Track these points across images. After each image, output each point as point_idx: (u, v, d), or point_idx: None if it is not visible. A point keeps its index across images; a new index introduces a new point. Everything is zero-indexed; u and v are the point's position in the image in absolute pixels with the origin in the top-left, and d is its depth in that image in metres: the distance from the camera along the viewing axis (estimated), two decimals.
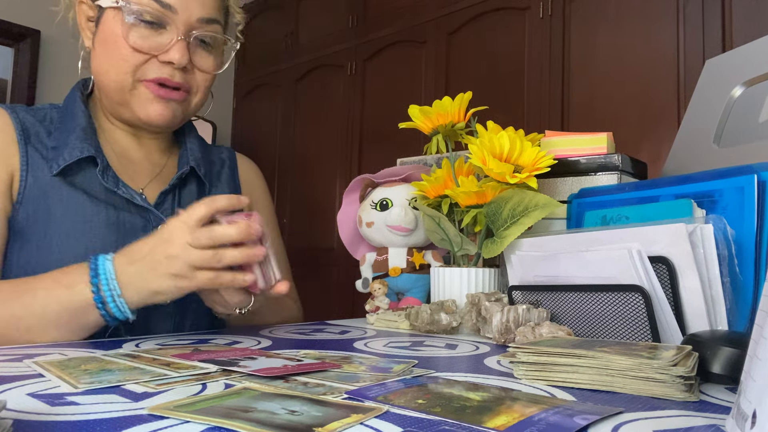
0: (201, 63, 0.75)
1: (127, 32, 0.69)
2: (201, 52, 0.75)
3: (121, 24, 0.70)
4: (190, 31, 0.72)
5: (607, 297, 0.57)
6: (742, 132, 0.75)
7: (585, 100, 2.21)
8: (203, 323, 0.78)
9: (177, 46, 0.71)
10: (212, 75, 0.77)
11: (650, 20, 2.06)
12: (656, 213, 0.64)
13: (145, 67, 0.71)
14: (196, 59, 0.74)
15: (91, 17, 0.74)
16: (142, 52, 0.70)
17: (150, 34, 0.70)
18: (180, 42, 0.71)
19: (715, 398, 0.40)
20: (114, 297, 0.59)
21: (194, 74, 0.75)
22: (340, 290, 2.94)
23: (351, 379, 0.42)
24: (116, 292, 0.59)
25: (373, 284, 0.86)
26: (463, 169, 0.84)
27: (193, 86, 0.76)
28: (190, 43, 0.72)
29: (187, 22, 0.71)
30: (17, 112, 0.74)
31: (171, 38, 0.71)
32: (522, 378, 0.44)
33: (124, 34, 0.69)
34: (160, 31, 0.71)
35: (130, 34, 0.70)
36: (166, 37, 0.71)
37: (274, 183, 3.43)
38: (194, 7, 0.72)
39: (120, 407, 0.34)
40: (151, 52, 0.71)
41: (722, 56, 0.86)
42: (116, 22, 0.70)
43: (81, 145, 0.71)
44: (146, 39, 0.70)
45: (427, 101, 0.86)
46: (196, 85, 0.76)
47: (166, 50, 0.71)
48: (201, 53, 0.75)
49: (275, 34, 3.48)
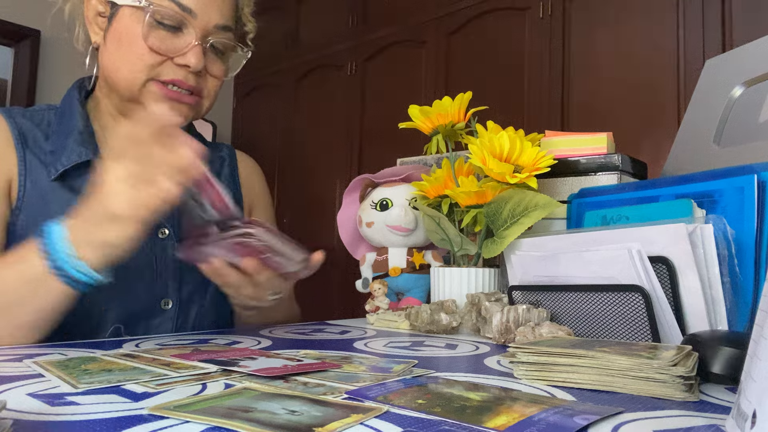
0: (213, 68, 0.76)
1: (147, 33, 0.69)
2: (213, 58, 0.76)
3: (141, 24, 0.69)
4: (207, 37, 0.73)
5: (607, 297, 0.57)
6: (742, 132, 0.75)
7: (585, 100, 2.21)
8: (205, 325, 0.78)
9: (194, 50, 0.71)
10: (222, 80, 0.78)
11: (650, 20, 2.06)
12: (656, 213, 0.64)
13: (159, 68, 0.71)
14: (208, 64, 0.75)
15: (102, 12, 0.74)
16: (159, 53, 0.70)
17: (167, 37, 0.70)
18: (197, 47, 0.71)
19: (715, 398, 0.40)
20: (71, 260, 0.55)
21: (206, 79, 0.75)
22: (340, 290, 2.94)
23: (351, 379, 0.42)
24: (73, 255, 0.55)
25: (373, 284, 0.86)
26: (463, 169, 0.84)
27: (205, 90, 0.76)
28: (205, 49, 0.73)
29: (205, 27, 0.72)
30: (14, 116, 0.73)
31: (187, 42, 0.71)
32: (522, 378, 0.44)
33: (144, 34, 0.69)
34: (177, 34, 0.71)
35: (149, 34, 0.70)
36: (182, 41, 0.71)
37: (274, 183, 3.43)
38: (213, 13, 0.72)
39: (120, 407, 0.34)
40: (167, 54, 0.71)
41: (722, 56, 0.86)
42: (134, 21, 0.70)
43: (79, 149, 0.71)
44: (163, 41, 0.70)
45: (427, 101, 0.86)
46: (207, 90, 0.76)
47: (183, 53, 0.71)
48: (213, 59, 0.76)
49: (275, 34, 3.48)
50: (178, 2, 0.69)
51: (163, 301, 0.74)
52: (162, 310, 0.74)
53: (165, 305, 0.74)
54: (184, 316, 0.76)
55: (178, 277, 0.75)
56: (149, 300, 0.72)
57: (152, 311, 0.73)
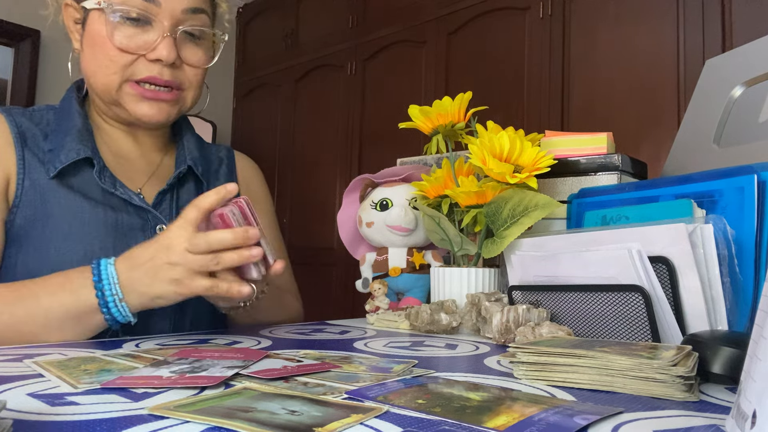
0: (190, 58, 0.74)
1: (112, 32, 0.69)
2: (190, 46, 0.74)
3: (106, 24, 0.69)
4: (177, 26, 0.71)
5: (607, 297, 0.57)
6: (742, 132, 0.75)
7: (585, 100, 2.21)
8: (203, 323, 0.78)
9: (164, 42, 0.70)
10: (203, 69, 0.76)
11: (650, 20, 2.06)
12: (656, 213, 0.64)
13: (133, 67, 0.70)
14: (185, 54, 0.73)
15: (77, 19, 0.74)
16: (128, 52, 0.69)
17: (135, 33, 0.70)
18: (167, 38, 0.70)
19: (715, 398, 0.40)
20: (116, 301, 0.59)
21: (184, 70, 0.74)
22: (340, 290, 2.94)
23: (351, 379, 0.42)
24: (118, 296, 0.59)
25: (373, 284, 0.86)
26: (463, 169, 0.84)
27: (185, 82, 0.75)
28: (177, 39, 0.71)
29: (172, 15, 0.70)
30: (13, 115, 0.74)
31: (156, 35, 0.70)
32: (522, 378, 0.44)
33: (109, 34, 0.69)
34: (146, 28, 0.70)
35: (115, 34, 0.69)
36: (152, 35, 0.70)
37: (274, 183, 3.43)
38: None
39: (120, 407, 0.34)
40: (137, 51, 0.70)
41: (722, 56, 0.86)
42: (101, 23, 0.69)
43: (77, 147, 0.71)
44: (132, 38, 0.69)
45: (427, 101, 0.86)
46: (188, 81, 0.75)
47: (153, 48, 0.70)
48: (190, 47, 0.74)
49: (275, 34, 3.48)
50: None
51: None
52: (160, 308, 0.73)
53: None
54: (182, 314, 0.76)
55: None
56: None
57: (150, 310, 0.73)
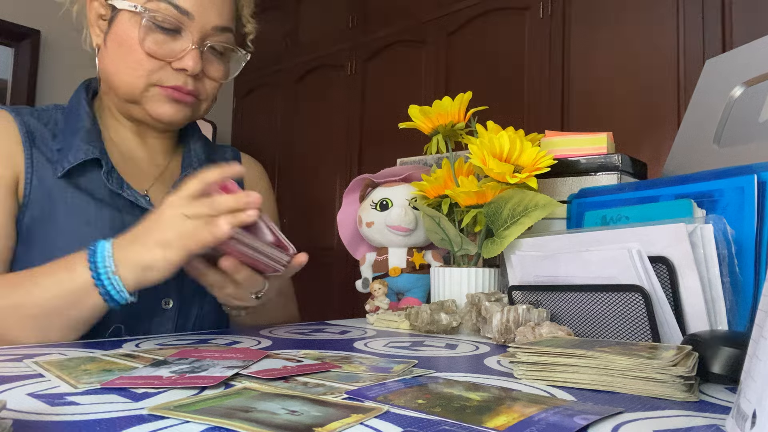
0: (211, 71, 0.76)
1: (144, 37, 0.70)
2: (212, 60, 0.75)
3: (138, 28, 0.70)
4: (204, 40, 0.73)
5: (607, 297, 0.57)
6: (742, 132, 0.75)
7: (585, 100, 2.21)
8: (205, 326, 0.78)
9: (191, 54, 0.71)
10: (220, 83, 0.78)
11: (650, 20, 2.06)
12: (656, 213, 0.64)
13: (159, 73, 0.71)
14: (207, 67, 0.75)
15: (103, 15, 0.74)
16: (156, 57, 0.71)
17: (165, 40, 0.71)
18: (194, 50, 0.71)
19: (715, 398, 0.40)
20: (109, 273, 0.58)
21: (204, 82, 0.76)
22: (340, 290, 2.94)
23: (351, 379, 0.42)
24: (111, 269, 0.58)
25: (373, 284, 0.86)
26: (463, 169, 0.84)
27: (203, 93, 0.76)
28: (203, 52, 0.73)
29: (202, 29, 0.72)
30: (22, 114, 0.74)
31: (185, 45, 0.71)
32: (522, 378, 0.44)
33: (141, 39, 0.69)
34: (175, 37, 0.71)
35: (146, 39, 0.70)
36: (180, 44, 0.71)
37: (274, 183, 3.43)
38: (211, 15, 0.72)
39: (120, 407, 0.34)
40: (165, 58, 0.71)
41: (722, 56, 0.86)
42: (132, 26, 0.70)
43: (86, 147, 0.71)
44: (161, 45, 0.70)
45: (427, 101, 0.86)
46: (205, 93, 0.76)
47: (180, 57, 0.71)
48: (212, 61, 0.76)
49: (275, 34, 3.48)
50: (176, 5, 0.70)
51: (164, 301, 0.74)
52: (162, 309, 0.73)
53: (165, 305, 0.74)
54: (185, 316, 0.76)
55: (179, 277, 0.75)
56: (150, 299, 0.72)
57: (153, 311, 0.73)
